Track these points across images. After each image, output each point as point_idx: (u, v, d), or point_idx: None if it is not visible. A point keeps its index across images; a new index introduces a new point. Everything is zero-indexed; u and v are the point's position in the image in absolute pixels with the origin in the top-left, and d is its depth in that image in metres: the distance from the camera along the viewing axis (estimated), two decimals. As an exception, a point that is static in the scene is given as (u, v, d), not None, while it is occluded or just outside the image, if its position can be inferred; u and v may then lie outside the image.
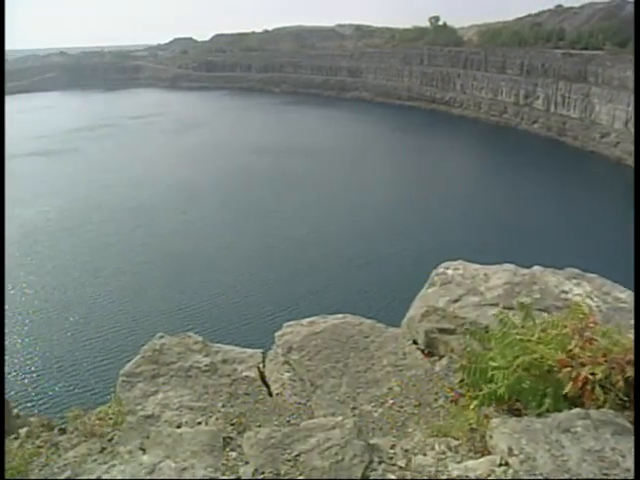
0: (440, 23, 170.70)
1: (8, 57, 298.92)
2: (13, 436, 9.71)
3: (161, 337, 7.17)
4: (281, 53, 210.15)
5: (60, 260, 56.59)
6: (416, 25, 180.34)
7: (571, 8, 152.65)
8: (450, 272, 8.29)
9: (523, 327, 5.99)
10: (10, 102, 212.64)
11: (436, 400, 6.43)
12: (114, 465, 4.47)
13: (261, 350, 7.38)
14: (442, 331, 7.21)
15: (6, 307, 47.68)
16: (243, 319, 43.52)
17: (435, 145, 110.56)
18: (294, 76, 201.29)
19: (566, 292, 7.41)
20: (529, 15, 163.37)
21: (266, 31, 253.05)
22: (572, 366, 5.19)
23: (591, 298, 7.16)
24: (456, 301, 7.58)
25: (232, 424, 5.84)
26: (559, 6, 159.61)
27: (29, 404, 32.26)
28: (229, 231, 63.21)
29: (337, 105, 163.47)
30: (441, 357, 7.10)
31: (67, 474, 4.63)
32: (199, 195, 77.27)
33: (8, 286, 51.36)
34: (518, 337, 5.68)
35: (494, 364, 5.58)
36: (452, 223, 62.65)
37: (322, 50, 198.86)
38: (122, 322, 44.11)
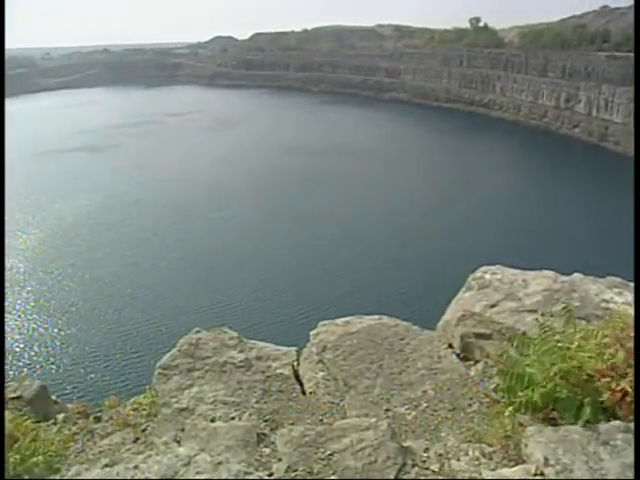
0: (481, 24, 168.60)
1: (53, 54, 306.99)
2: (51, 421, 9.98)
3: (197, 331, 7.27)
4: (320, 52, 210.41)
5: (98, 254, 57.77)
6: (456, 26, 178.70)
7: (617, 9, 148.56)
8: (488, 276, 8.19)
9: (563, 332, 5.89)
10: (54, 97, 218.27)
11: (470, 405, 6.35)
12: (150, 456, 4.54)
13: (295, 348, 7.41)
14: (478, 336, 7.12)
15: (47, 298, 49.01)
16: (277, 317, 43.73)
17: (473, 147, 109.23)
18: (332, 76, 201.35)
19: (607, 301, 7.25)
20: (573, 16, 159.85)
21: (305, 30, 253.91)
22: (612, 376, 5.07)
23: (633, 308, 6.99)
24: (493, 306, 7.48)
25: (265, 420, 5.88)
26: (605, 7, 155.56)
27: (66, 391, 33.10)
28: (264, 230, 63.60)
29: (375, 105, 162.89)
30: (476, 362, 7.01)
31: (104, 462, 4.72)
32: (234, 194, 77.93)
33: (48, 277, 52.75)
34: (557, 344, 5.58)
35: (531, 371, 5.49)
36: (490, 226, 61.82)
37: (361, 50, 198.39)
38: (157, 316, 44.80)
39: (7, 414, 8.46)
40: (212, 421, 5.68)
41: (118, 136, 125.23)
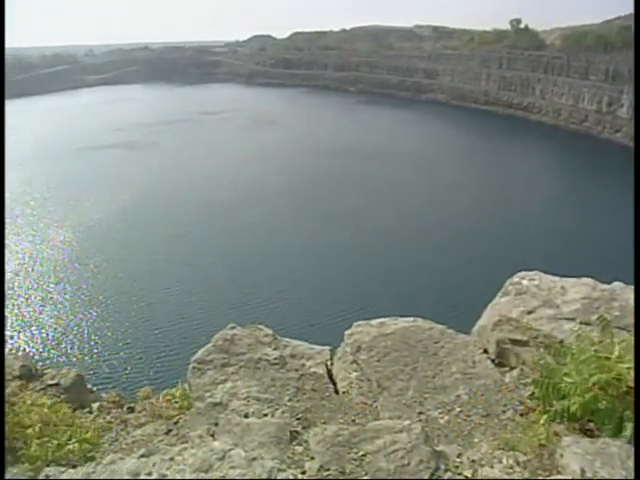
0: (521, 26, 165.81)
1: (95, 51, 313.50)
2: (87, 409, 10.23)
3: (232, 327, 7.33)
4: (358, 52, 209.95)
5: (133, 249, 58.71)
6: (496, 27, 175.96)
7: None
8: (525, 282, 8.06)
9: (601, 342, 5.77)
10: (95, 94, 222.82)
11: (504, 412, 6.26)
12: (185, 448, 4.60)
13: (329, 347, 7.41)
14: (514, 342, 7.02)
15: (83, 290, 50.08)
16: (310, 316, 43.76)
17: (511, 151, 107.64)
18: (370, 76, 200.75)
19: (648, 311, 7.07)
20: (618, 18, 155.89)
21: (344, 30, 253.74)
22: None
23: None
24: (530, 312, 7.37)
25: (297, 419, 5.90)
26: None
27: (101, 381, 33.79)
28: (299, 229, 63.75)
29: (412, 107, 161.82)
30: (512, 368, 6.92)
31: (140, 452, 4.81)
32: (268, 192, 78.27)
33: (85, 270, 53.88)
34: (596, 354, 5.47)
35: (568, 380, 5.39)
36: (528, 231, 60.76)
37: (399, 51, 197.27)
38: (190, 311, 45.30)
39: (45, 400, 8.70)
40: (245, 417, 5.73)
41: (155, 133, 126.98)
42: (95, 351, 40.13)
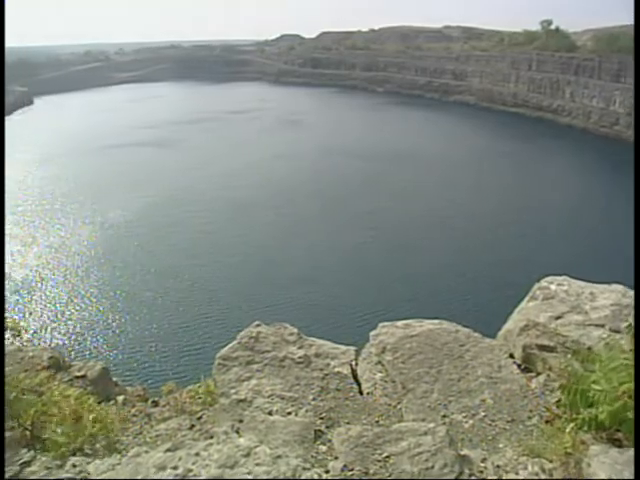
0: (552, 27, 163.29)
1: (125, 49, 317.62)
2: (112, 402, 10.39)
3: (258, 325, 7.36)
4: (386, 53, 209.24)
5: (159, 246, 59.31)
6: (526, 29, 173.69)
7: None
8: (553, 287, 7.95)
9: (631, 350, 5.66)
10: (125, 91, 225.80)
11: (530, 418, 6.19)
12: (211, 444, 4.64)
13: (354, 348, 7.40)
14: (541, 347, 6.93)
15: (109, 285, 50.78)
16: (335, 315, 43.72)
17: (540, 154, 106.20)
18: (398, 76, 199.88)
19: (681, 319, 6.92)
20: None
21: (372, 30, 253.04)
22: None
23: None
24: (558, 318, 7.26)
25: (321, 418, 5.91)
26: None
27: (126, 375, 34.20)
28: (325, 229, 63.75)
29: (440, 108, 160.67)
30: (538, 374, 6.83)
31: (166, 446, 4.86)
32: (294, 192, 78.40)
33: (111, 266, 54.63)
34: (626, 362, 5.37)
35: (597, 388, 5.30)
36: (556, 236, 59.91)
37: (427, 51, 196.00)
38: (214, 309, 45.59)
39: (72, 391, 8.86)
40: (269, 414, 5.76)
41: (182, 132, 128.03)
42: (120, 345, 40.67)
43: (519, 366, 7.02)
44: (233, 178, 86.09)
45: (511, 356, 7.19)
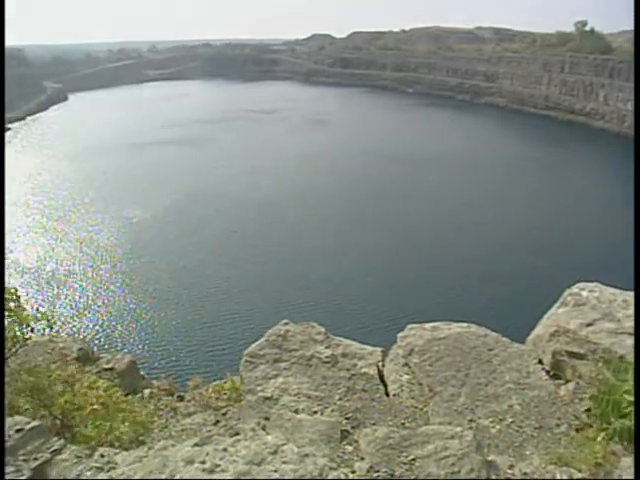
0: (587, 28, 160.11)
1: (159, 47, 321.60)
2: (138, 395, 10.55)
3: (286, 324, 7.38)
4: (417, 53, 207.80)
5: (186, 242, 59.75)
6: (560, 30, 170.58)
7: None
8: (585, 294, 7.81)
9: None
10: (157, 88, 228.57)
11: (558, 426, 6.09)
12: (238, 440, 4.66)
13: (381, 349, 7.36)
14: (571, 354, 6.82)
15: (137, 280, 51.41)
16: (362, 316, 43.48)
17: (573, 159, 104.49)
18: (428, 77, 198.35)
19: None
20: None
21: (403, 31, 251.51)
22: None
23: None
24: (589, 325, 7.13)
25: (347, 418, 5.90)
26: None
27: (152, 368, 34.58)
28: (352, 230, 63.56)
29: (470, 110, 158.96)
30: (567, 381, 6.72)
31: (194, 441, 4.90)
32: (322, 193, 78.36)
33: (138, 261, 55.28)
34: (660, 372, 5.25)
35: (630, 398, 5.20)
36: (588, 243, 58.75)
37: (459, 52, 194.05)
38: (241, 306, 45.69)
39: (100, 383, 9.02)
40: (295, 413, 5.77)
41: (210, 131, 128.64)
42: (146, 339, 41.10)
43: (548, 372, 6.92)
44: (260, 177, 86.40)
45: (540, 362, 7.09)
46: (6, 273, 51.72)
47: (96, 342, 39.25)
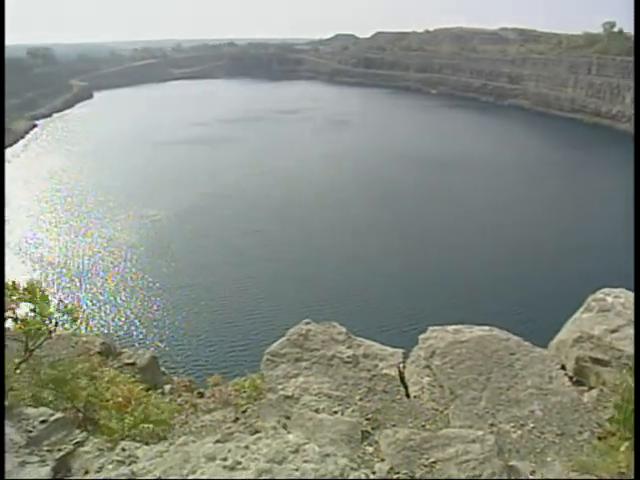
0: (615, 29, 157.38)
1: (184, 45, 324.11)
2: (159, 390, 10.66)
3: (307, 323, 7.39)
4: (441, 54, 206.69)
5: (208, 241, 60.04)
6: (587, 31, 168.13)
7: None
8: (610, 299, 7.69)
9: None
10: (180, 87, 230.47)
11: (581, 433, 6.00)
12: (260, 438, 4.67)
13: (402, 350, 7.33)
14: (595, 361, 6.72)
15: (158, 278, 51.85)
16: (384, 317, 43.32)
17: (597, 162, 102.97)
18: (452, 78, 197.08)
19: None
20: None
21: (427, 31, 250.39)
22: None
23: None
24: (614, 331, 7.02)
25: (367, 419, 5.89)
26: None
27: (173, 365, 34.83)
28: (372, 231, 63.39)
29: (494, 112, 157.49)
30: (590, 388, 6.62)
31: (215, 438, 4.93)
32: (344, 194, 78.23)
33: (160, 259, 55.71)
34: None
35: (655, 406, 5.12)
36: (613, 248, 57.86)
37: (483, 54, 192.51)
38: (262, 305, 45.75)
39: (122, 378, 9.13)
40: (316, 412, 5.77)
41: (233, 130, 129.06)
42: (167, 335, 41.42)
43: (571, 378, 6.83)
44: (282, 177, 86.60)
45: (563, 368, 7.01)
46: (31, 267, 52.61)
47: (118, 337, 39.67)
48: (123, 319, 44.66)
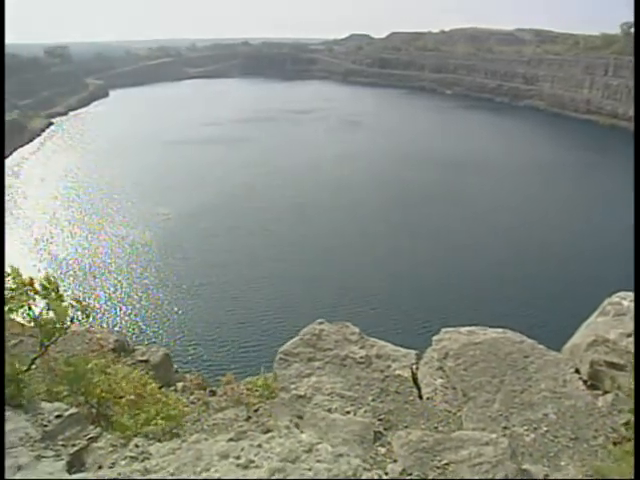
0: (633, 30, 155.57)
1: (198, 45, 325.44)
2: (172, 388, 10.71)
3: (320, 323, 7.38)
4: (456, 54, 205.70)
5: (221, 240, 60.18)
6: (604, 32, 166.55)
7: None
8: (626, 303, 7.62)
9: None
10: (195, 86, 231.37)
11: (595, 437, 5.94)
12: (273, 437, 4.68)
13: (415, 351, 7.30)
14: (610, 365, 6.65)
15: (171, 276, 52.09)
16: (397, 317, 43.19)
17: (612, 165, 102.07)
18: (467, 79, 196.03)
19: None
20: None
21: (442, 31, 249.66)
22: None
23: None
24: (630, 335, 6.95)
25: (379, 419, 5.88)
26: None
27: (185, 363, 34.97)
28: (386, 233, 63.21)
29: (509, 113, 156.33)
30: (605, 392, 6.56)
31: (228, 436, 4.94)
32: (357, 194, 78.01)
33: (173, 258, 55.96)
34: None
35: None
36: (628, 251, 57.34)
37: (498, 54, 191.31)
38: (274, 305, 45.77)
39: (135, 374, 9.18)
40: (329, 412, 5.76)
41: (246, 130, 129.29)
42: (180, 333, 41.56)
43: (585, 382, 6.77)
44: (293, 177, 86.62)
45: (577, 371, 6.95)
46: (45, 264, 53.06)
47: (131, 334, 39.89)
48: (137, 316, 44.94)
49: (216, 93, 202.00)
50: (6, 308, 7.22)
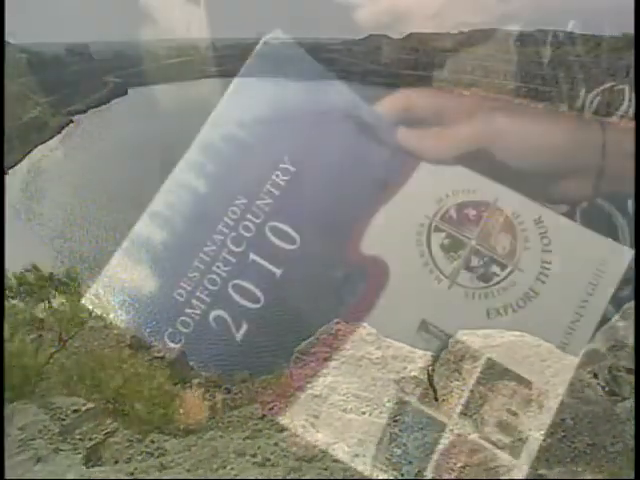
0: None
1: (217, 44, 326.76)
2: (187, 385, 10.81)
3: (337, 323, 7.36)
4: (474, 55, 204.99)
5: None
6: (627, 32, 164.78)
7: None
8: (646, 308, 7.52)
9: None
10: (212, 85, 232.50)
11: (613, 444, 5.89)
12: (289, 436, 4.69)
13: (431, 353, 7.26)
14: (630, 371, 6.59)
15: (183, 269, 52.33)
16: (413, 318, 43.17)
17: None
18: (485, 80, 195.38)
19: None
20: None
21: (461, 32, 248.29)
22: None
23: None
24: (650, 341, 6.88)
25: (395, 421, 5.85)
26: None
27: (201, 360, 35.09)
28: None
29: (527, 115, 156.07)
30: (624, 399, 6.50)
31: (244, 434, 4.97)
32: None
33: (185, 254, 56.18)
34: None
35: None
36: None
37: (517, 55, 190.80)
38: (291, 304, 45.86)
39: (152, 371, 9.26)
40: (344, 412, 5.75)
41: (258, 131, 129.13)
42: (196, 331, 41.70)
43: (603, 388, 6.71)
44: (305, 181, 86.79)
45: (595, 376, 6.89)
46: (63, 261, 53.65)
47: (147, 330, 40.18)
48: (153, 312, 45.25)
49: (234, 93, 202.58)
50: (22, 304, 7.33)
